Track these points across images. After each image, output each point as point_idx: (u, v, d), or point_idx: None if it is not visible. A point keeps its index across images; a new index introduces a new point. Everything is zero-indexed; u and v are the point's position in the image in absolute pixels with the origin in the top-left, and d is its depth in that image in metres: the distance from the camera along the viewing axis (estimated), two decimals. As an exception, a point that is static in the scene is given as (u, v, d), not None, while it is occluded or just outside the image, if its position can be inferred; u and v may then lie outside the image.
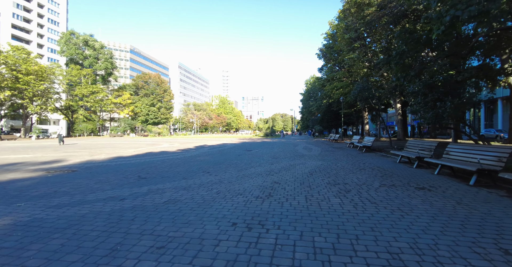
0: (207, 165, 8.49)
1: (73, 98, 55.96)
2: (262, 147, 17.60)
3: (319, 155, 12.20)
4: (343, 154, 12.75)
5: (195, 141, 28.20)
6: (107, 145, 20.83)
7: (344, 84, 26.07)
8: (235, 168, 7.70)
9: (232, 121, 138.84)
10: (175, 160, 9.99)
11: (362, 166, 8.29)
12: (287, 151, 14.28)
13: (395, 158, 10.53)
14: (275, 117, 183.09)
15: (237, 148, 17.05)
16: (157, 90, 74.93)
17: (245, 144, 22.23)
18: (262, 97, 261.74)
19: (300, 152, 13.87)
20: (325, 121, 47.43)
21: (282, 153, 13.29)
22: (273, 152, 13.90)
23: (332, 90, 33.56)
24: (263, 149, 15.70)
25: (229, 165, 8.48)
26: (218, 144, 22.56)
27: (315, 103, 59.81)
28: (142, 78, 75.36)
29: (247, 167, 7.93)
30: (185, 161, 9.66)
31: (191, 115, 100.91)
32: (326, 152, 13.83)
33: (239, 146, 19.32)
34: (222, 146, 19.37)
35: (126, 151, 14.61)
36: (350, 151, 14.79)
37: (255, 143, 23.37)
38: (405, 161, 9.42)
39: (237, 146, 19.35)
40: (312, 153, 13.27)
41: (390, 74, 15.79)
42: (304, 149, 16.07)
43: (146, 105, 72.20)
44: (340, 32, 24.52)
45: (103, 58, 60.61)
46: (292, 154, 12.76)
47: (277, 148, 17.17)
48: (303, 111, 74.86)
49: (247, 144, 22.32)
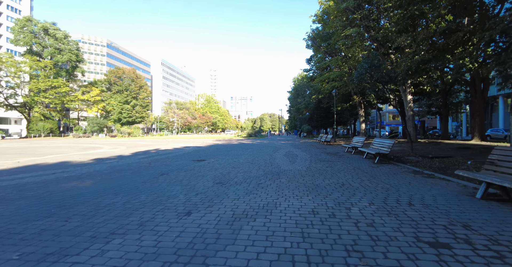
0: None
1: (28, 94, 48.72)
2: (228, 154, 12.33)
3: (309, 170, 7.10)
4: (347, 168, 7.70)
5: (155, 143, 22.59)
6: (28, 150, 14.95)
7: (338, 74, 21.21)
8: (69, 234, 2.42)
9: (218, 121, 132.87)
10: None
11: (424, 223, 3.14)
12: (259, 162, 9.11)
13: (454, 182, 5.52)
14: (263, 117, 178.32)
15: (190, 155, 11.71)
16: (131, 86, 68.19)
17: (211, 148, 16.89)
18: (251, 97, 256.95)
19: (278, 163, 8.73)
20: (314, 120, 42.72)
21: (248, 165, 8.10)
22: (236, 163, 8.70)
23: (323, 84, 28.79)
24: (226, 158, 10.46)
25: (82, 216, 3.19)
26: (176, 147, 17.13)
27: (303, 101, 55.10)
28: (115, 73, 68.38)
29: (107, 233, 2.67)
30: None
31: (172, 114, 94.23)
32: (319, 163, 8.74)
33: (199, 151, 13.98)
34: (174, 151, 13.97)
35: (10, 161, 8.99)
36: (355, 160, 9.80)
37: (227, 146, 18.09)
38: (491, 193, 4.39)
39: (195, 151, 14.00)
40: (297, 166, 8.14)
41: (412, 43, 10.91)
42: (285, 156, 10.95)
43: (119, 103, 65.36)
44: (332, 9, 19.65)
45: (67, 49, 53.47)
46: (263, 167, 7.61)
47: (249, 154, 11.97)
48: (290, 110, 70.09)
49: (214, 147, 17.01)
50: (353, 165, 8.41)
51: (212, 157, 10.79)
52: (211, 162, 8.93)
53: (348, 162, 9.05)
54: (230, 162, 9.09)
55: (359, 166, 8.15)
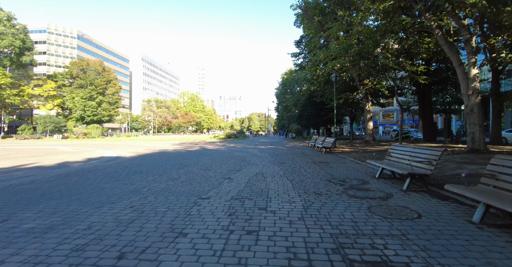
0: None
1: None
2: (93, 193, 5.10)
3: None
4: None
5: (66, 150, 15.00)
6: None
7: (343, 47, 14.18)
8: None
9: (203, 120, 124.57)
10: None
11: None
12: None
13: None
14: (251, 117, 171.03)
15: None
16: (97, 80, 59.39)
17: (121, 163, 9.65)
18: (240, 96, 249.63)
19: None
20: (305, 118, 35.90)
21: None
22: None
23: (316, 69, 21.96)
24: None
25: None
26: (78, 160, 9.75)
27: (292, 97, 48.33)
28: (78, 65, 59.37)
29: None
30: None
31: (149, 112, 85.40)
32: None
33: (60, 177, 6.71)
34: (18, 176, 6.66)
35: None
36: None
37: (156, 159, 10.86)
38: None
39: (52, 178, 6.73)
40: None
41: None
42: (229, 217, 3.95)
43: (82, 99, 56.51)
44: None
45: (10, 33, 44.42)
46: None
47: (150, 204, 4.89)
48: (278, 108, 63.15)
49: (135, 161, 9.76)
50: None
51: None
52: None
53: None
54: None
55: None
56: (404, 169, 5.02)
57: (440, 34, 9.46)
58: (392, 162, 6.22)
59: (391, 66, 13.56)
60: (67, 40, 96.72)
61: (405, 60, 13.83)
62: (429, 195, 4.53)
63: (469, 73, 9.06)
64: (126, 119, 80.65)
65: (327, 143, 13.40)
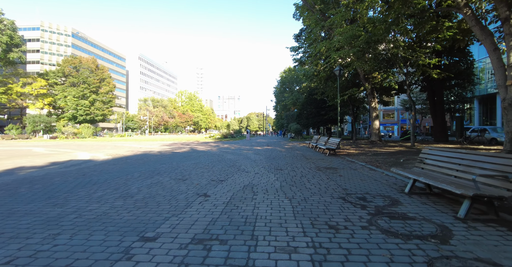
0: None
1: None
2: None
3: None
4: None
5: (38, 152, 13.28)
6: None
7: (350, 34, 12.45)
8: None
9: (201, 120, 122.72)
10: None
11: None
12: None
13: None
14: (250, 116, 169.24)
15: None
16: (90, 78, 57.51)
17: (90, 168, 7.97)
18: (238, 96, 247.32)
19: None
20: (304, 117, 34.24)
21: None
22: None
23: (317, 64, 20.41)
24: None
25: None
26: (40, 165, 8.05)
27: (291, 96, 46.72)
28: (70, 62, 57.44)
29: None
30: None
31: (145, 112, 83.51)
32: None
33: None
34: None
35: None
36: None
37: (135, 164, 9.19)
38: None
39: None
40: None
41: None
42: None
43: (74, 98, 54.63)
44: None
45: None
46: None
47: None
48: (277, 108, 61.41)
49: (103, 166, 8.09)
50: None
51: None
52: None
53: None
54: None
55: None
56: (458, 185, 3.36)
57: (470, 13, 7.87)
58: (427, 172, 4.57)
59: (404, 55, 11.89)
60: (61, 38, 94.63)
61: (420, 50, 12.16)
62: (507, 228, 2.89)
63: (508, 59, 7.44)
64: (121, 119, 78.75)
65: (331, 144, 11.74)
